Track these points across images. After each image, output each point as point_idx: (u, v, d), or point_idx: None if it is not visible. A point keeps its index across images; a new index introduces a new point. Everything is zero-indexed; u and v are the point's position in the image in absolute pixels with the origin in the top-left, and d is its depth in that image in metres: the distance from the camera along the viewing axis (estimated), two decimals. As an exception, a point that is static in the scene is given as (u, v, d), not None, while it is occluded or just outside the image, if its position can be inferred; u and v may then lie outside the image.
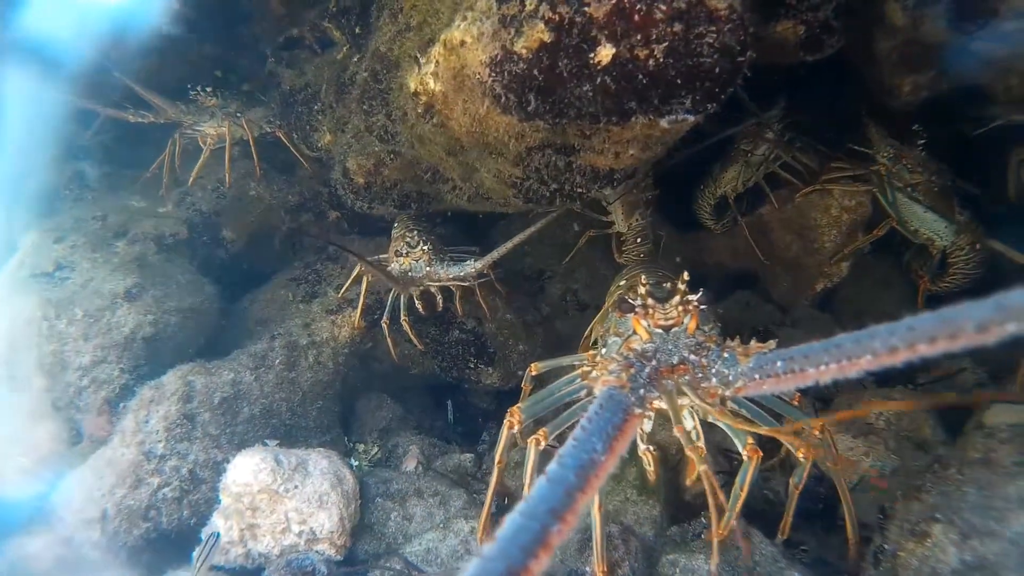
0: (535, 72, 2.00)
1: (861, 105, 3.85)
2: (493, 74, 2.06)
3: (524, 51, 1.98)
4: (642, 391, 1.61)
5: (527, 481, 2.36)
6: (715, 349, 1.81)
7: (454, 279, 3.34)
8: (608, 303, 3.07)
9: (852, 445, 3.11)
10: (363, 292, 3.52)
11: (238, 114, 3.99)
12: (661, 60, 1.96)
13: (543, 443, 2.36)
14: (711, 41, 1.96)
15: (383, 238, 4.05)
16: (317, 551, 2.74)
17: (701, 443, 2.24)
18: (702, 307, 2.17)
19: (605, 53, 1.95)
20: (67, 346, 3.26)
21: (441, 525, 2.86)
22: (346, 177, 3.29)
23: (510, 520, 0.88)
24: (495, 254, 3.17)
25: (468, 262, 3.27)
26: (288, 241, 4.23)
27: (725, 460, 3.16)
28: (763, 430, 2.21)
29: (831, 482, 3.02)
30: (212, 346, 3.71)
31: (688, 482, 2.33)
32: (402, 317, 3.48)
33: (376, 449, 3.50)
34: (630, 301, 2.23)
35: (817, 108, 3.95)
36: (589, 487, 0.98)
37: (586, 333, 3.36)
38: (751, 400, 2.35)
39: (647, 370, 1.74)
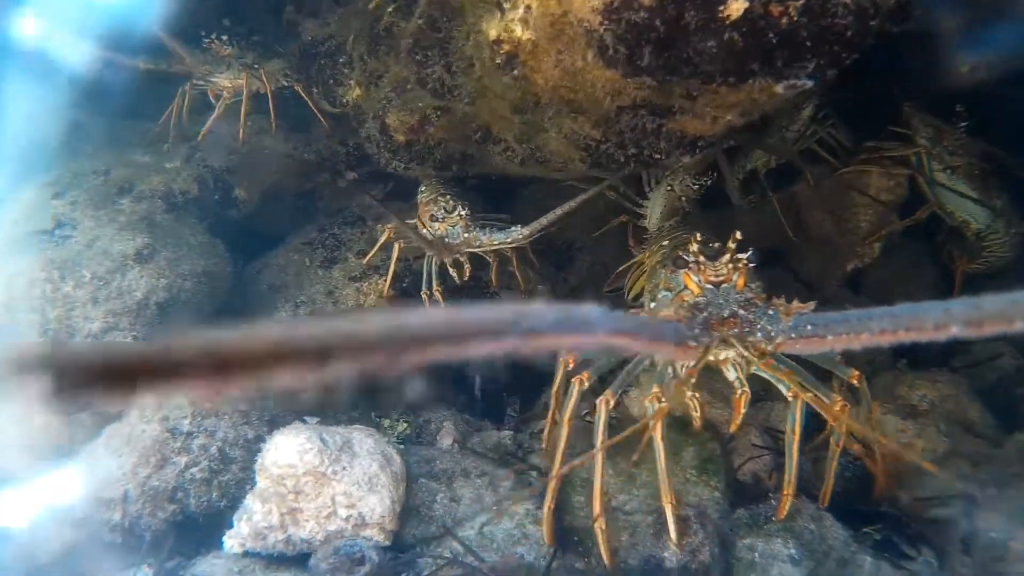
0: (656, 22, 1.83)
1: (899, 84, 3.77)
2: (606, 22, 1.88)
3: (647, -2, 1.81)
4: (697, 330, 1.76)
5: (598, 440, 2.31)
6: (762, 306, 1.88)
7: (498, 246, 3.16)
8: (649, 260, 3.12)
9: (902, 427, 3.06)
10: (394, 258, 3.31)
11: (255, 65, 3.69)
12: (795, 19, 1.81)
13: (612, 402, 2.36)
14: (848, 1, 1.82)
15: (398, 202, 3.85)
16: (365, 537, 2.56)
17: (747, 388, 2.28)
18: (751, 265, 2.25)
19: (736, 7, 1.79)
20: (75, 311, 2.97)
21: (493, 507, 2.71)
22: (384, 134, 3.06)
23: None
24: (544, 221, 2.99)
25: (515, 229, 3.08)
26: (300, 202, 3.98)
27: (771, 438, 3.10)
28: (795, 378, 2.26)
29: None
30: (223, 313, 3.47)
31: (732, 428, 2.40)
32: (435, 286, 3.30)
33: (404, 425, 3.32)
34: (684, 257, 2.30)
35: (856, 86, 3.86)
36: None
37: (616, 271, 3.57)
38: (795, 360, 2.38)
39: (699, 319, 1.85)
